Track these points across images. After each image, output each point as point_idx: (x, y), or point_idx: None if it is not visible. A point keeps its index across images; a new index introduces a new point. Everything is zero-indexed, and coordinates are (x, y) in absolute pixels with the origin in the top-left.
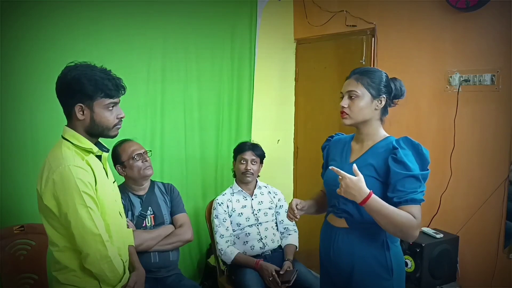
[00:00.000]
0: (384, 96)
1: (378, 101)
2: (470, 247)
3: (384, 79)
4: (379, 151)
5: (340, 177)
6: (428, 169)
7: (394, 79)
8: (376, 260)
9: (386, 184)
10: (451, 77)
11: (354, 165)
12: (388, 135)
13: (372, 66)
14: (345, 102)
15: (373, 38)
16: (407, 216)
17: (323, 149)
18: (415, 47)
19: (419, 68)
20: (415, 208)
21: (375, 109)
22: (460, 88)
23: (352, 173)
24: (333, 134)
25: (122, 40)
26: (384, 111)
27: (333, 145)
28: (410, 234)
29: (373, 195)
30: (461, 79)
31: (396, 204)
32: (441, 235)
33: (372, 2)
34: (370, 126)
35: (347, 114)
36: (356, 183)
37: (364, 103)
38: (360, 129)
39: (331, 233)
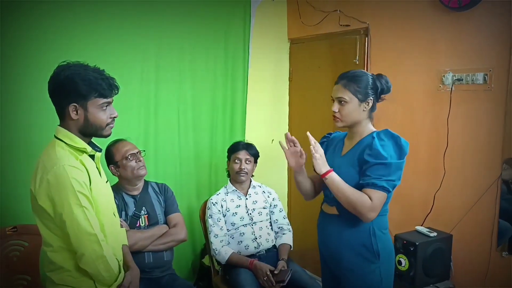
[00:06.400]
0: (371, 98)
1: (365, 104)
2: (463, 245)
3: (370, 82)
4: (363, 145)
5: (315, 147)
6: (403, 160)
7: (379, 76)
8: (362, 244)
9: None
10: (444, 76)
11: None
12: (374, 130)
13: (365, 66)
14: (335, 107)
15: (366, 38)
16: (361, 197)
17: (321, 144)
18: (408, 47)
19: (412, 67)
20: (375, 193)
21: (363, 110)
22: (453, 87)
23: (342, 165)
24: (332, 132)
25: (116, 40)
26: (372, 108)
27: (330, 141)
28: (362, 214)
29: (333, 172)
30: (454, 78)
31: (360, 186)
32: (435, 234)
33: (365, 2)
34: (360, 124)
35: (338, 118)
36: (325, 159)
37: (352, 108)
38: (350, 128)
39: (324, 220)
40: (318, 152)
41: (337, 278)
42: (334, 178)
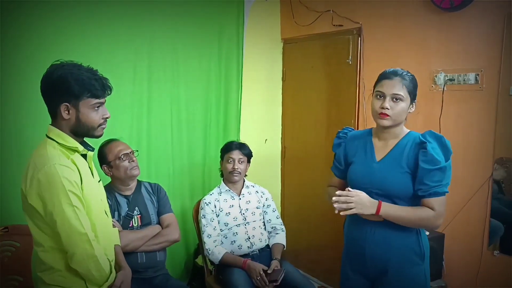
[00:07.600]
0: (415, 102)
1: (411, 106)
2: (455, 244)
3: (417, 86)
4: (404, 147)
5: (350, 197)
6: (450, 159)
7: None
8: (410, 248)
9: (415, 176)
10: (436, 76)
11: (350, 189)
12: (408, 130)
13: (358, 65)
14: (388, 104)
15: (359, 38)
16: (422, 212)
17: (338, 146)
18: (400, 47)
19: (405, 67)
20: (437, 201)
21: (409, 112)
22: (445, 87)
23: (384, 171)
24: (344, 129)
25: (108, 39)
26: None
27: (350, 141)
28: (430, 226)
29: (383, 202)
30: (446, 78)
31: (420, 197)
32: (427, 233)
33: (358, 2)
34: (399, 126)
35: (388, 115)
36: (365, 197)
37: (404, 107)
38: (389, 128)
39: (365, 227)
40: (351, 204)
41: (369, 281)
42: (388, 211)
